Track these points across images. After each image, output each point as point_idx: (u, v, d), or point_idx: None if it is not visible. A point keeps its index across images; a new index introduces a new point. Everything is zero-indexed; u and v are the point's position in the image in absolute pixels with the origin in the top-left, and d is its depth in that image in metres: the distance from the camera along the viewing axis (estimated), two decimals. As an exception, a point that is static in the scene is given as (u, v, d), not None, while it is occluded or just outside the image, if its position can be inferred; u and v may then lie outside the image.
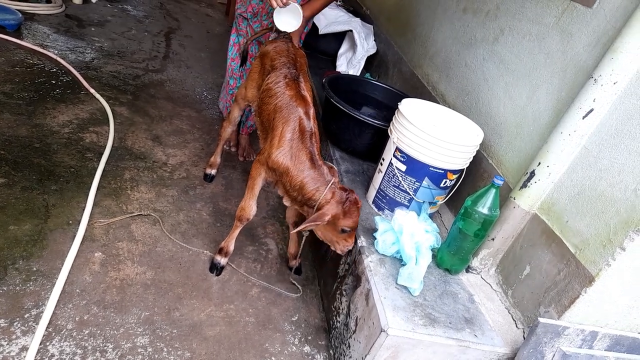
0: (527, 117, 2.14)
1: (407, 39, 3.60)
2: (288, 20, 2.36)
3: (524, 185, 1.96)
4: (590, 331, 1.69)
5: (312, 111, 2.04)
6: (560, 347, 1.67)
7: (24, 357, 1.58)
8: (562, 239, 1.81)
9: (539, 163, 1.91)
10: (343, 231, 1.89)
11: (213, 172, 2.88)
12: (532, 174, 1.93)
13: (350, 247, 1.97)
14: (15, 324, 1.69)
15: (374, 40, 4.09)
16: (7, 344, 1.61)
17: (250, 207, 2.13)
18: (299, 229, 1.87)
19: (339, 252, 1.98)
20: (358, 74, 3.91)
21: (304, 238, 2.15)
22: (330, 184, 1.88)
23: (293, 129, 1.97)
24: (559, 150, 1.85)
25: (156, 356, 1.76)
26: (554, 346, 1.67)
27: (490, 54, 2.49)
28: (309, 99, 2.08)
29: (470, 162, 2.22)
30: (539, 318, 1.63)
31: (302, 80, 2.15)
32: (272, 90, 2.10)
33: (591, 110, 1.75)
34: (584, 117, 1.77)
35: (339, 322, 2.04)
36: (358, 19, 4.15)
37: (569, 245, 1.78)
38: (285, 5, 2.28)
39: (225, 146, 3.22)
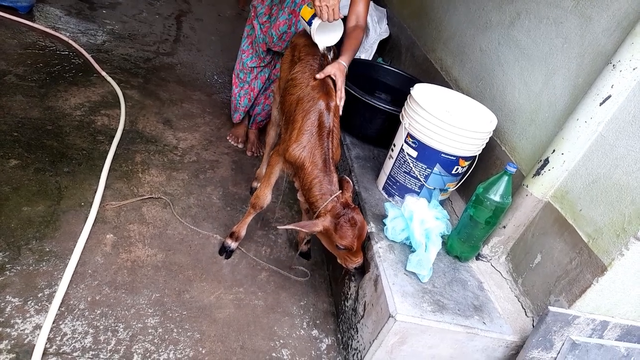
0: (542, 104, 2.10)
1: (421, 22, 3.54)
2: (329, 35, 2.15)
3: (538, 173, 1.93)
4: (601, 321, 1.67)
5: (333, 105, 1.97)
6: (569, 336, 1.66)
7: (38, 335, 1.61)
8: (575, 228, 1.79)
9: (554, 150, 1.88)
10: (339, 248, 1.81)
11: (254, 184, 2.72)
12: (546, 161, 1.90)
13: (355, 265, 1.86)
14: (29, 302, 1.72)
15: (387, 24, 4.03)
16: (21, 322, 1.65)
17: (265, 195, 2.13)
18: (286, 227, 1.83)
19: (344, 266, 1.90)
20: (370, 59, 3.86)
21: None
22: (334, 196, 1.82)
23: (312, 122, 1.91)
24: (575, 138, 1.81)
25: (166, 337, 1.78)
26: (564, 335, 1.66)
27: (506, 38, 2.43)
28: (333, 90, 2.02)
29: (483, 149, 2.19)
30: (549, 307, 1.62)
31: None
32: (297, 80, 2.05)
33: (609, 97, 1.70)
34: (601, 104, 1.72)
35: (347, 306, 2.04)
36: (371, 3, 4.08)
37: (581, 234, 1.76)
38: (334, 19, 2.05)
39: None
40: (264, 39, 2.69)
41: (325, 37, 2.12)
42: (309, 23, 2.08)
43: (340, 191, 1.86)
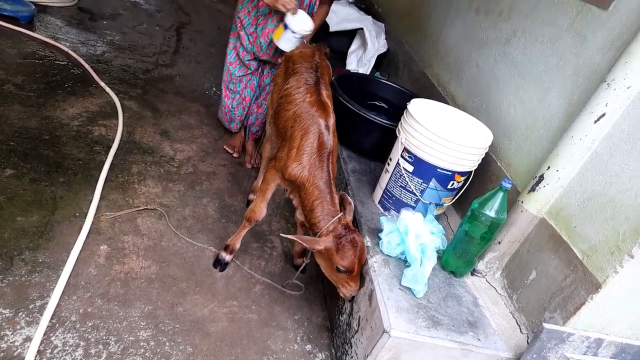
0: (537, 120, 2.11)
1: (418, 38, 3.57)
2: (301, 23, 2.46)
3: (533, 189, 1.93)
4: (596, 338, 1.66)
5: (332, 122, 1.97)
6: (564, 354, 1.65)
7: (28, 347, 1.60)
8: (570, 245, 1.79)
9: (549, 167, 1.88)
10: (339, 270, 1.81)
11: (251, 197, 2.70)
12: (541, 177, 1.90)
13: (354, 294, 1.87)
14: (20, 314, 1.70)
15: (385, 38, 4.06)
16: (11, 334, 1.63)
17: (260, 209, 2.13)
18: (289, 236, 1.84)
19: (341, 295, 1.90)
20: (368, 73, 3.88)
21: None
22: (336, 217, 1.83)
23: (312, 142, 1.90)
24: (569, 155, 1.82)
25: (158, 350, 1.77)
26: (558, 352, 1.65)
27: (502, 55, 2.46)
28: (330, 107, 2.01)
29: (479, 165, 2.20)
30: (543, 323, 1.61)
31: (323, 87, 2.09)
32: (292, 96, 2.04)
33: (603, 115, 1.72)
34: (595, 122, 1.74)
35: (342, 321, 2.03)
36: (369, 17, 4.13)
37: (576, 250, 1.76)
38: (294, 11, 2.40)
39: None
40: (251, 48, 2.76)
41: (300, 24, 2.44)
42: (285, 27, 2.45)
43: (342, 213, 1.86)
